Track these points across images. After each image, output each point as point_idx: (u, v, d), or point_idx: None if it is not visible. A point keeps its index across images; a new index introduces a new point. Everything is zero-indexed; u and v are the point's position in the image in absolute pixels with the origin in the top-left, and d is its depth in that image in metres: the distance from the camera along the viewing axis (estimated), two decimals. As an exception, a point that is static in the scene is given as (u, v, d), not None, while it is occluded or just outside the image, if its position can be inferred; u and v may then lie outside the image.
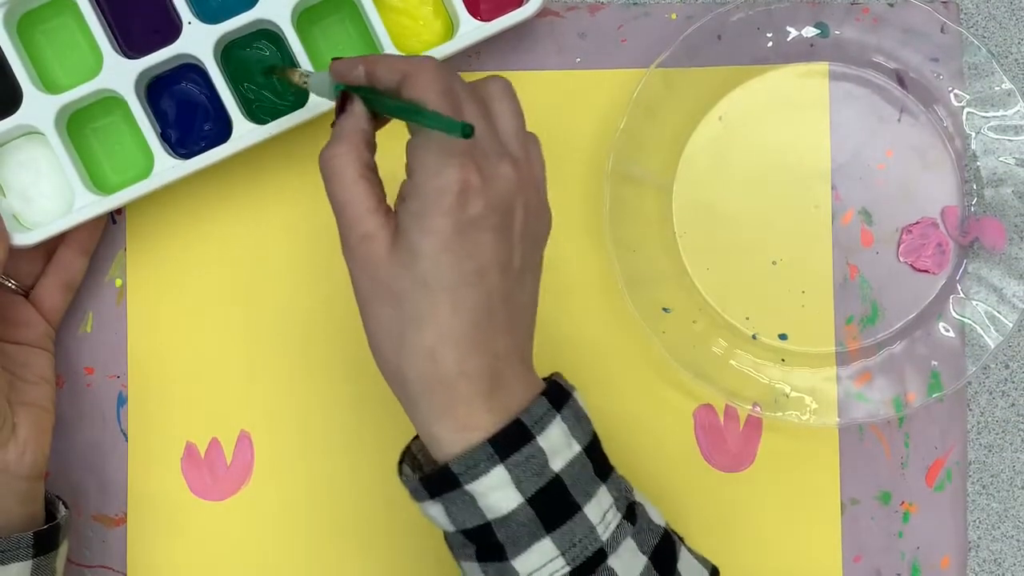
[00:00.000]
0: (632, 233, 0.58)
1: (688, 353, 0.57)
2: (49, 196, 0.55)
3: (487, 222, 0.43)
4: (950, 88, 0.58)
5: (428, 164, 0.43)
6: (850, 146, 0.58)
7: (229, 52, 0.56)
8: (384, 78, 0.45)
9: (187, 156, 0.55)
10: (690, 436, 0.58)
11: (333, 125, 0.47)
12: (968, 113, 0.58)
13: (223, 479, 0.58)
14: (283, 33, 0.55)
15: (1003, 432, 0.59)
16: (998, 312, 0.57)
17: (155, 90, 0.56)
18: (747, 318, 0.58)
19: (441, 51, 0.55)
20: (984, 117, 0.57)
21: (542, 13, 0.59)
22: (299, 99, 0.55)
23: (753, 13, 0.57)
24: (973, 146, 0.58)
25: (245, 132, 0.54)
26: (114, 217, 0.58)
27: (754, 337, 0.58)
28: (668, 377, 0.58)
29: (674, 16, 0.59)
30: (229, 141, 0.54)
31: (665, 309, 0.58)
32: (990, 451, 0.59)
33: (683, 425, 0.58)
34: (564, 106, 0.59)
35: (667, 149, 0.58)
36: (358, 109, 0.46)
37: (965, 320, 0.58)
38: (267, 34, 0.56)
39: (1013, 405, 0.59)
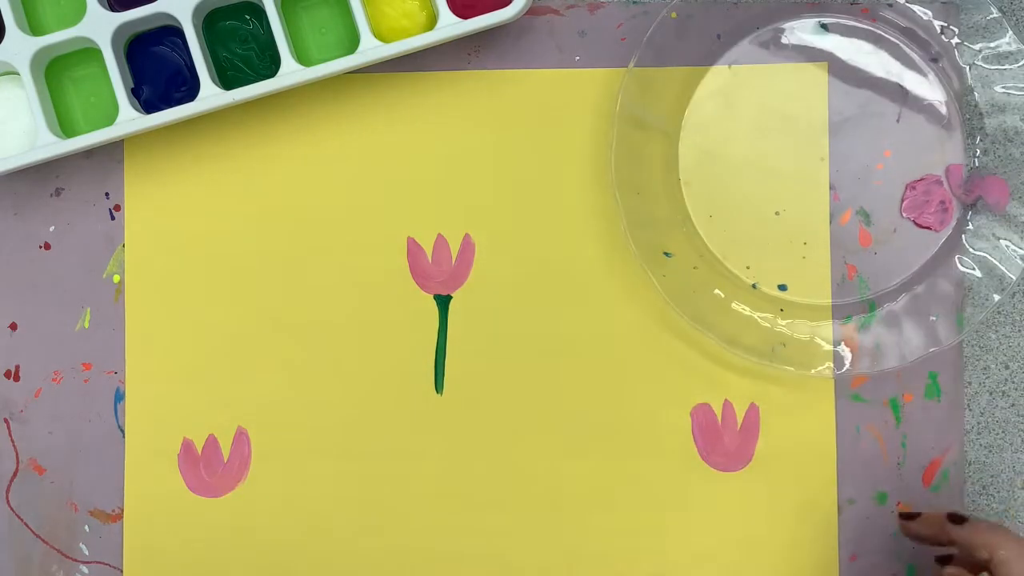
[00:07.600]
0: (637, 177, 0.58)
1: (688, 298, 0.57)
2: (18, 136, 0.56)
3: None
4: (956, 42, 0.58)
5: None
6: (849, 145, 0.58)
7: (214, 21, 0.57)
8: (975, 549, 0.51)
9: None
10: (687, 435, 0.58)
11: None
12: (975, 66, 0.57)
13: (220, 476, 0.58)
14: (265, 8, 0.55)
15: (1003, 432, 0.59)
16: (1002, 267, 0.57)
17: (137, 48, 0.57)
18: (747, 267, 0.58)
19: (417, 41, 0.55)
20: (994, 70, 0.57)
21: (541, 11, 0.58)
22: (272, 72, 0.56)
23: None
24: (979, 100, 0.57)
25: (210, 95, 0.55)
26: (112, 213, 0.58)
27: (754, 286, 0.58)
28: (667, 323, 0.58)
29: (674, 15, 0.59)
30: (194, 102, 0.55)
31: (666, 254, 0.58)
32: (990, 451, 0.59)
33: (680, 424, 0.58)
34: (563, 104, 0.59)
35: (675, 95, 0.58)
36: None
37: (968, 275, 0.57)
38: (251, 8, 0.57)
39: (1013, 405, 0.59)
